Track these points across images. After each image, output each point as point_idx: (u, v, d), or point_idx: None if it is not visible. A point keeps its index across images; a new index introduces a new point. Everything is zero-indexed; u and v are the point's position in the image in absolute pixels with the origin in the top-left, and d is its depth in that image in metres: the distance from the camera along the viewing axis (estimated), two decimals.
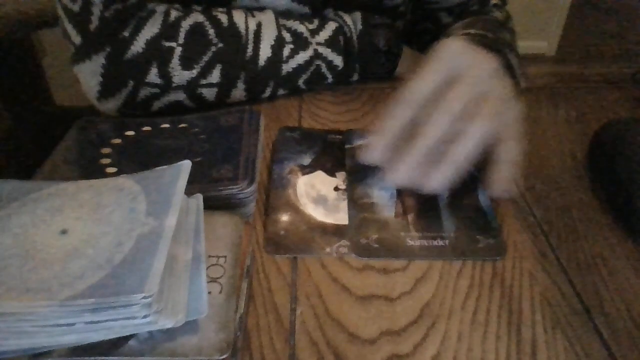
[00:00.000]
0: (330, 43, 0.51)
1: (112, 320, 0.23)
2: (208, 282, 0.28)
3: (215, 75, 0.47)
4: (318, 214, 0.37)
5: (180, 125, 0.43)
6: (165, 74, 0.46)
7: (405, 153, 0.36)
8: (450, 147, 0.35)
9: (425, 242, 0.35)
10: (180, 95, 0.48)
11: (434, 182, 0.35)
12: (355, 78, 0.55)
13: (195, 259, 0.28)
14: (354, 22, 0.53)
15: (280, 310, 0.31)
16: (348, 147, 0.44)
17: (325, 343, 0.29)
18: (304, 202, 0.38)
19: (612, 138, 0.41)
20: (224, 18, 0.48)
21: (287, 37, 0.49)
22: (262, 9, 0.51)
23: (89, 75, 0.45)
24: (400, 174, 0.35)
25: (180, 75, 0.46)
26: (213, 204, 0.34)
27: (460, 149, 0.35)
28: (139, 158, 0.39)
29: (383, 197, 0.38)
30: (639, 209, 0.36)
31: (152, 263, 0.25)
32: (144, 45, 0.45)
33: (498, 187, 0.36)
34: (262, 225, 0.37)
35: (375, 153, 0.37)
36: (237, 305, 0.28)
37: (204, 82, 0.47)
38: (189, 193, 0.32)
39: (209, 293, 0.27)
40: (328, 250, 0.34)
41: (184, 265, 0.27)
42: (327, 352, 0.28)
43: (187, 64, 0.46)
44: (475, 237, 0.36)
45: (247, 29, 0.48)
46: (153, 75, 0.46)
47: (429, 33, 0.61)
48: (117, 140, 0.41)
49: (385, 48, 0.54)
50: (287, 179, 0.40)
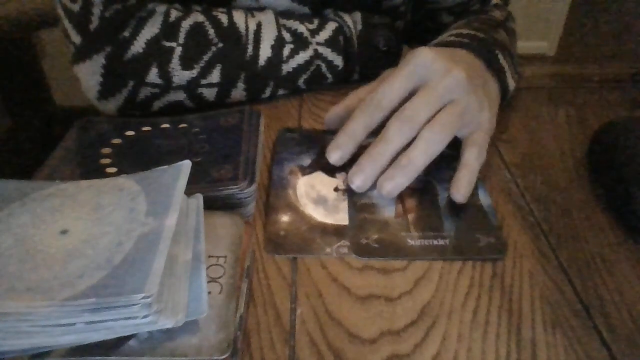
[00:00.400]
0: (330, 43, 0.51)
1: (112, 320, 0.23)
2: (208, 282, 0.28)
3: (215, 75, 0.47)
4: (318, 215, 0.37)
5: (180, 125, 0.43)
6: (165, 74, 0.46)
7: (368, 158, 0.37)
8: (404, 153, 0.36)
9: (426, 241, 0.35)
10: (180, 95, 0.48)
11: (388, 186, 0.37)
12: (355, 78, 0.55)
13: (195, 259, 0.28)
14: (354, 22, 0.53)
15: (280, 310, 0.31)
16: None
17: (325, 343, 0.29)
18: (304, 202, 0.38)
19: (612, 138, 0.41)
20: (224, 18, 0.48)
21: (287, 37, 0.49)
22: (262, 9, 0.51)
23: (89, 75, 0.45)
24: (362, 179, 0.37)
25: (180, 75, 0.46)
26: (213, 204, 0.34)
27: (412, 155, 0.36)
28: (139, 158, 0.39)
29: (383, 197, 0.38)
30: (639, 209, 0.36)
31: (152, 263, 0.25)
32: (144, 45, 0.45)
33: (454, 192, 0.37)
34: (262, 226, 0.37)
35: (339, 154, 0.39)
36: (237, 305, 0.28)
37: (204, 82, 0.47)
38: (189, 193, 0.32)
39: (209, 293, 0.27)
40: (328, 251, 0.34)
41: (184, 265, 0.27)
42: (327, 352, 0.28)
43: (187, 64, 0.46)
44: (476, 236, 0.36)
45: (247, 29, 0.48)
46: (153, 75, 0.46)
47: (429, 33, 0.61)
48: (117, 140, 0.41)
49: (385, 48, 0.54)
50: (287, 180, 0.40)
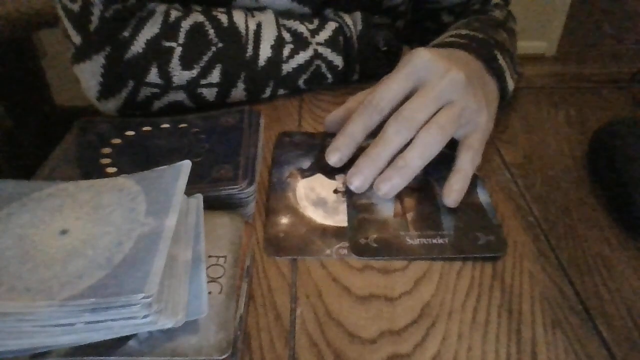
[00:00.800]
0: (330, 43, 0.51)
1: (112, 320, 0.23)
2: (208, 282, 0.28)
3: (215, 75, 0.47)
4: (318, 217, 0.37)
5: (180, 125, 0.43)
6: (165, 74, 0.46)
7: (366, 159, 0.37)
8: (401, 154, 0.37)
9: (425, 240, 0.35)
10: (180, 95, 0.48)
11: (385, 187, 0.37)
12: (355, 78, 0.54)
13: (195, 259, 0.28)
14: (354, 22, 0.53)
15: (280, 311, 0.31)
16: None
17: (325, 343, 0.29)
18: (304, 204, 0.38)
19: (612, 138, 0.41)
20: (224, 18, 0.48)
21: (287, 37, 0.49)
22: (262, 9, 0.51)
23: (89, 75, 0.45)
24: (361, 180, 0.37)
25: (180, 75, 0.46)
26: (213, 204, 0.34)
27: (409, 156, 0.36)
28: (139, 158, 0.39)
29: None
30: (639, 209, 0.36)
31: (152, 263, 0.25)
32: (144, 45, 0.45)
33: (445, 197, 0.37)
34: (262, 227, 0.37)
35: (338, 156, 0.39)
36: (237, 305, 0.28)
37: (204, 82, 0.47)
38: (189, 193, 0.32)
39: (209, 293, 0.27)
40: (328, 252, 0.34)
41: (184, 266, 0.27)
42: (327, 352, 0.28)
43: (187, 64, 0.46)
44: (475, 234, 0.36)
45: (247, 29, 0.48)
46: (153, 75, 0.46)
47: (430, 32, 0.61)
48: (117, 140, 0.41)
49: (385, 48, 0.54)
50: (286, 183, 0.40)
